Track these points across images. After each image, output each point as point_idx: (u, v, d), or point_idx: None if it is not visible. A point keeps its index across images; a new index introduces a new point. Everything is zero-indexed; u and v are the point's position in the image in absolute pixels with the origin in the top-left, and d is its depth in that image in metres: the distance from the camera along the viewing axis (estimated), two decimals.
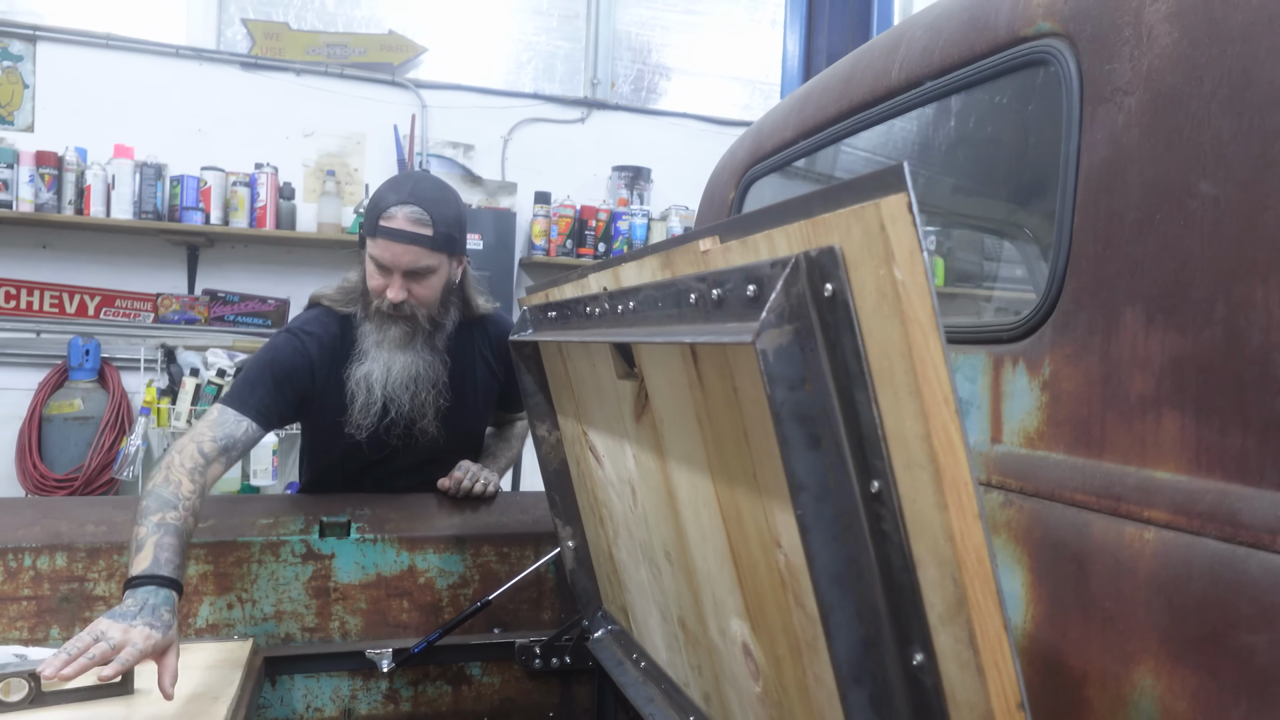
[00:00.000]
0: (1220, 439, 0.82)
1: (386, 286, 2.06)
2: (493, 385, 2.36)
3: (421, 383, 2.13)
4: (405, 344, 2.11)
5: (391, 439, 2.19)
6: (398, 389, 2.11)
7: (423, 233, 2.02)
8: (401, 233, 2.01)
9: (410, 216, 2.01)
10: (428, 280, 2.08)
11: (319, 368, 2.13)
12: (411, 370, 2.11)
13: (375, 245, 2.04)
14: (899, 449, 0.70)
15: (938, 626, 0.73)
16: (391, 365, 2.10)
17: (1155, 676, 0.86)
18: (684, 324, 1.02)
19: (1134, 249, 0.92)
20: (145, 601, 1.60)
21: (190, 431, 1.96)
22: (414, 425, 2.17)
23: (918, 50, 1.35)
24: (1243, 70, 0.83)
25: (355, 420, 2.12)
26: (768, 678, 1.17)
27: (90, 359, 4.34)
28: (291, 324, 2.21)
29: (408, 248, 2.02)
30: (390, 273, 2.05)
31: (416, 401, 2.14)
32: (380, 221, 2.03)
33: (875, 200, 0.63)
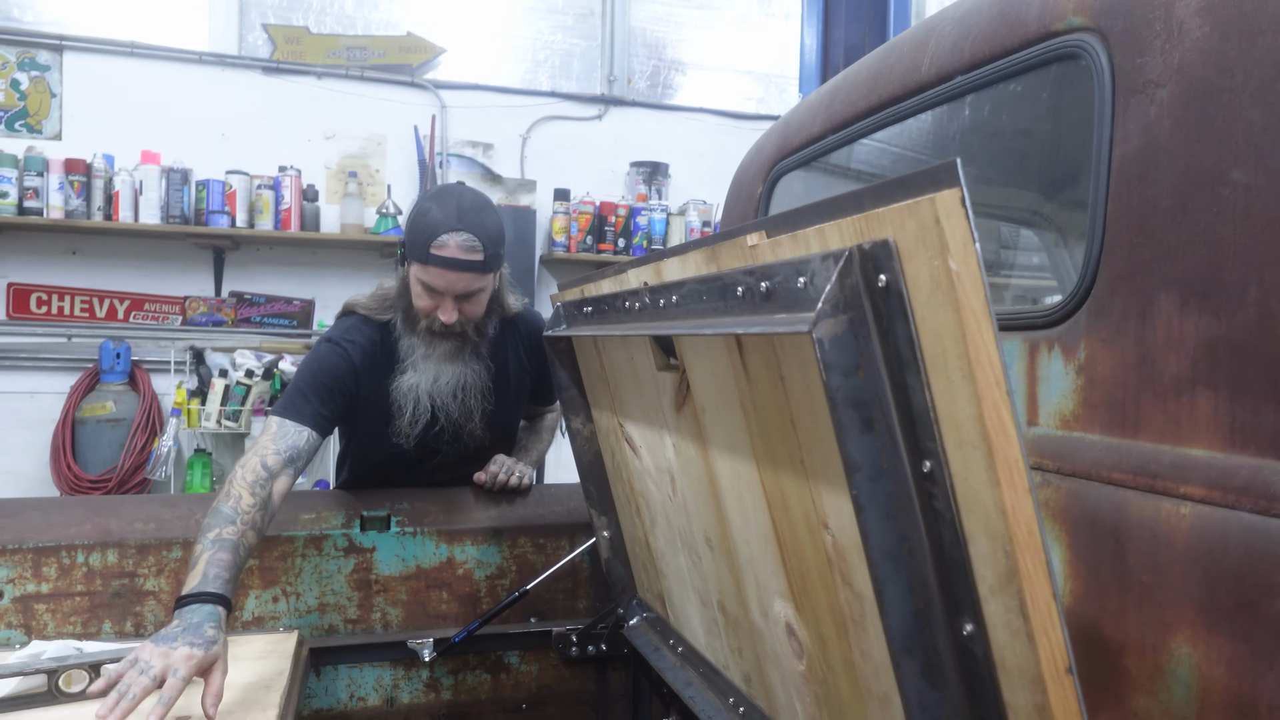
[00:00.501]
0: (1254, 417, 0.86)
1: (436, 307, 2.09)
2: (525, 381, 2.41)
3: (469, 391, 2.18)
4: (454, 357, 2.16)
5: (440, 445, 2.24)
6: (446, 398, 2.16)
7: (475, 259, 2.04)
8: (456, 261, 2.02)
9: (463, 245, 2.02)
10: (477, 298, 2.12)
11: (362, 374, 2.17)
12: (460, 380, 2.16)
13: (427, 272, 2.05)
14: (951, 430, 0.74)
15: (988, 597, 0.77)
16: (440, 376, 2.14)
17: (1192, 645, 0.89)
18: (730, 316, 1.06)
19: (1167, 236, 0.96)
20: (189, 621, 1.61)
21: (253, 447, 1.99)
22: (462, 430, 2.23)
23: (948, 45, 1.38)
24: (1273, 62, 0.87)
25: (404, 430, 2.17)
26: (812, 656, 1.21)
27: (121, 362, 4.42)
28: (331, 333, 2.23)
29: (461, 275, 2.05)
30: (442, 295, 2.08)
31: (465, 409, 2.19)
32: (432, 250, 2.02)
33: (930, 195, 0.67)
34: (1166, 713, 0.93)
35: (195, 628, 1.59)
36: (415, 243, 2.06)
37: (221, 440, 4.57)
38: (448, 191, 2.15)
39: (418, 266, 2.07)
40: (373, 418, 2.21)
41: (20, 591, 1.95)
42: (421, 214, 2.08)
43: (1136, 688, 0.96)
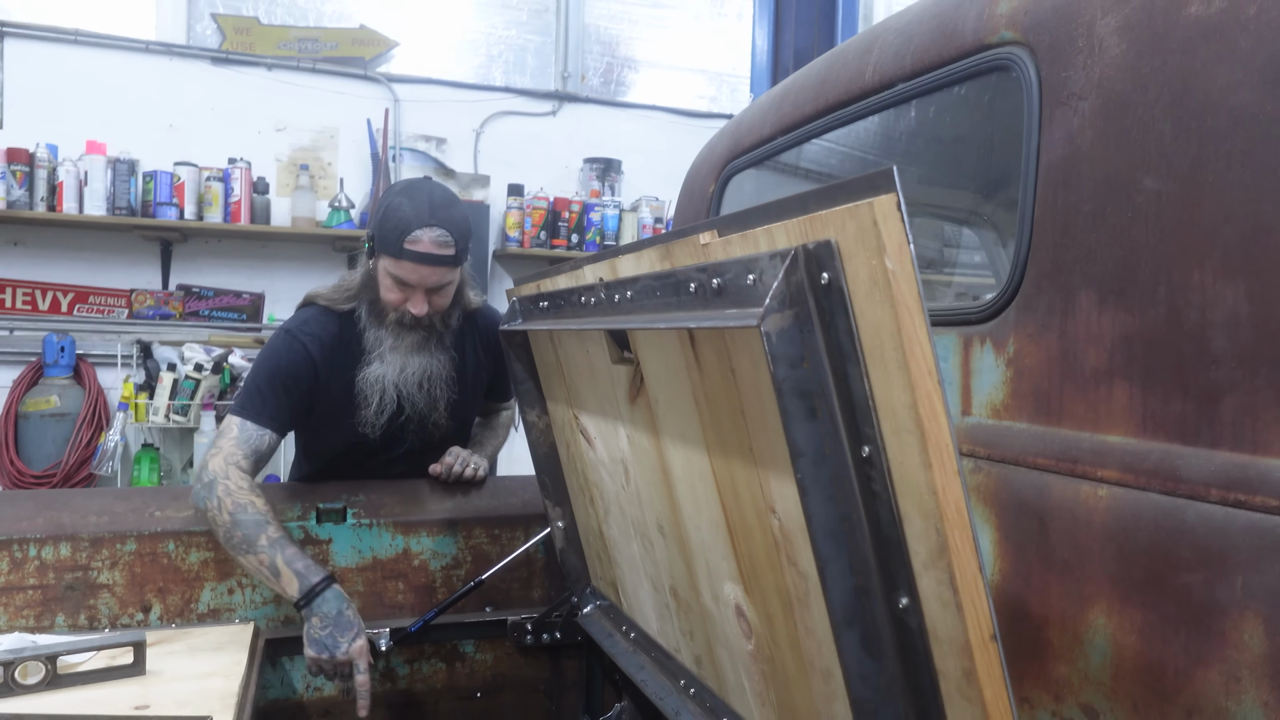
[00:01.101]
0: (1163, 405, 0.94)
1: (405, 300, 2.13)
2: (482, 375, 2.45)
3: (435, 381, 2.22)
4: (420, 348, 2.20)
5: (406, 435, 2.28)
6: (412, 389, 2.20)
7: (447, 254, 2.09)
8: (429, 256, 2.07)
9: (437, 240, 2.07)
10: (446, 291, 2.18)
11: (321, 367, 2.19)
12: (426, 370, 2.20)
13: (400, 267, 2.08)
14: (888, 417, 0.80)
15: (921, 572, 0.83)
16: (406, 366, 2.18)
17: (1107, 616, 0.97)
18: (683, 311, 1.11)
19: (1088, 238, 1.03)
20: (327, 613, 1.86)
21: (218, 453, 2.02)
22: (427, 420, 2.27)
23: (890, 54, 1.45)
24: (1182, 79, 0.94)
25: (370, 420, 2.20)
26: (760, 635, 1.27)
27: (65, 355, 4.35)
28: (289, 323, 2.25)
29: (435, 269, 2.09)
30: (413, 289, 2.12)
31: (430, 399, 2.23)
32: (406, 245, 2.06)
33: (869, 199, 0.73)
34: (1085, 679, 1.01)
35: (338, 615, 1.87)
36: (387, 237, 2.09)
37: (169, 435, 4.51)
38: (417, 187, 2.18)
39: (389, 260, 2.10)
40: (335, 409, 2.23)
41: None
42: (393, 209, 2.10)
43: (1058, 657, 1.04)
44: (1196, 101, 0.93)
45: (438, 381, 2.23)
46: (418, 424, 2.27)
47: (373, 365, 2.18)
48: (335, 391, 2.21)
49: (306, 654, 1.87)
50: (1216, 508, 0.88)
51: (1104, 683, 0.98)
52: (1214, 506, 0.88)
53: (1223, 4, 0.90)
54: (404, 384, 2.19)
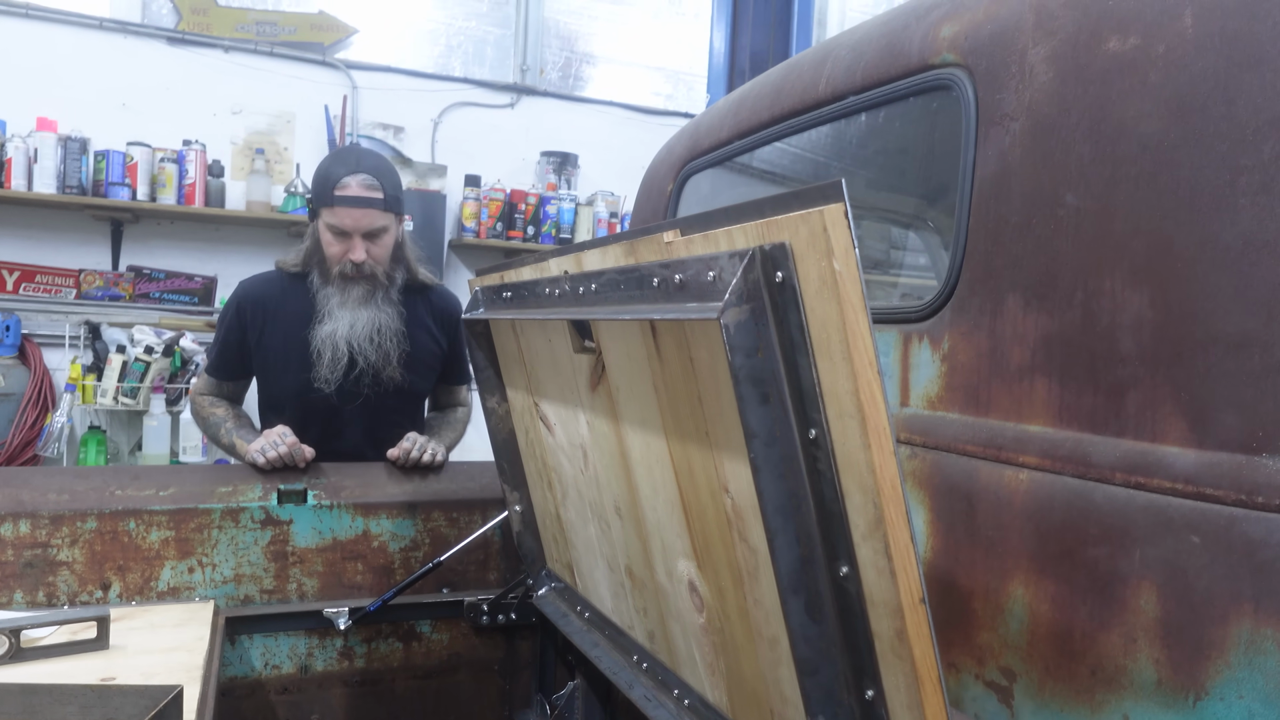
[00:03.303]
0: (1077, 398, 1.04)
1: (346, 251, 2.30)
2: (435, 351, 2.56)
3: (385, 333, 2.36)
4: (367, 300, 2.35)
5: (361, 389, 2.40)
6: (364, 342, 2.34)
7: (375, 196, 2.27)
8: (358, 198, 2.25)
9: (363, 183, 2.26)
10: (382, 239, 2.33)
11: (251, 317, 2.43)
12: (375, 323, 2.35)
13: (333, 214, 2.27)
14: (833, 402, 0.89)
15: (860, 543, 0.93)
16: (356, 321, 2.33)
17: (1025, 587, 1.08)
18: (646, 304, 1.19)
19: (1015, 247, 1.14)
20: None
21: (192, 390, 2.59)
22: (380, 373, 2.39)
23: (842, 68, 1.55)
24: (1100, 107, 1.05)
25: (324, 375, 2.34)
26: (711, 608, 1.36)
27: (10, 335, 4.29)
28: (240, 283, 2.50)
29: (366, 211, 2.26)
30: (349, 237, 2.29)
31: (382, 352, 2.37)
32: (335, 192, 2.25)
33: (819, 207, 0.82)
34: (1004, 645, 1.11)
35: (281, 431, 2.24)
36: (321, 191, 2.31)
37: (117, 417, 4.48)
38: (346, 148, 2.47)
39: (325, 211, 2.29)
40: (285, 364, 2.39)
41: None
42: (323, 168, 2.34)
43: (981, 625, 1.14)
44: (1111, 127, 1.03)
45: (388, 334, 2.37)
46: (372, 377, 2.39)
47: (324, 323, 2.34)
48: (281, 344, 2.39)
49: (257, 462, 2.21)
50: (1120, 489, 0.99)
51: (1021, 647, 1.09)
52: (1118, 489, 0.99)
53: (1137, 41, 1.01)
54: (355, 338, 2.33)
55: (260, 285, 2.46)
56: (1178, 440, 0.94)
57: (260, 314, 2.41)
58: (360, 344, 2.33)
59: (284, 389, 2.44)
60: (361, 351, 2.34)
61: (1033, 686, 1.07)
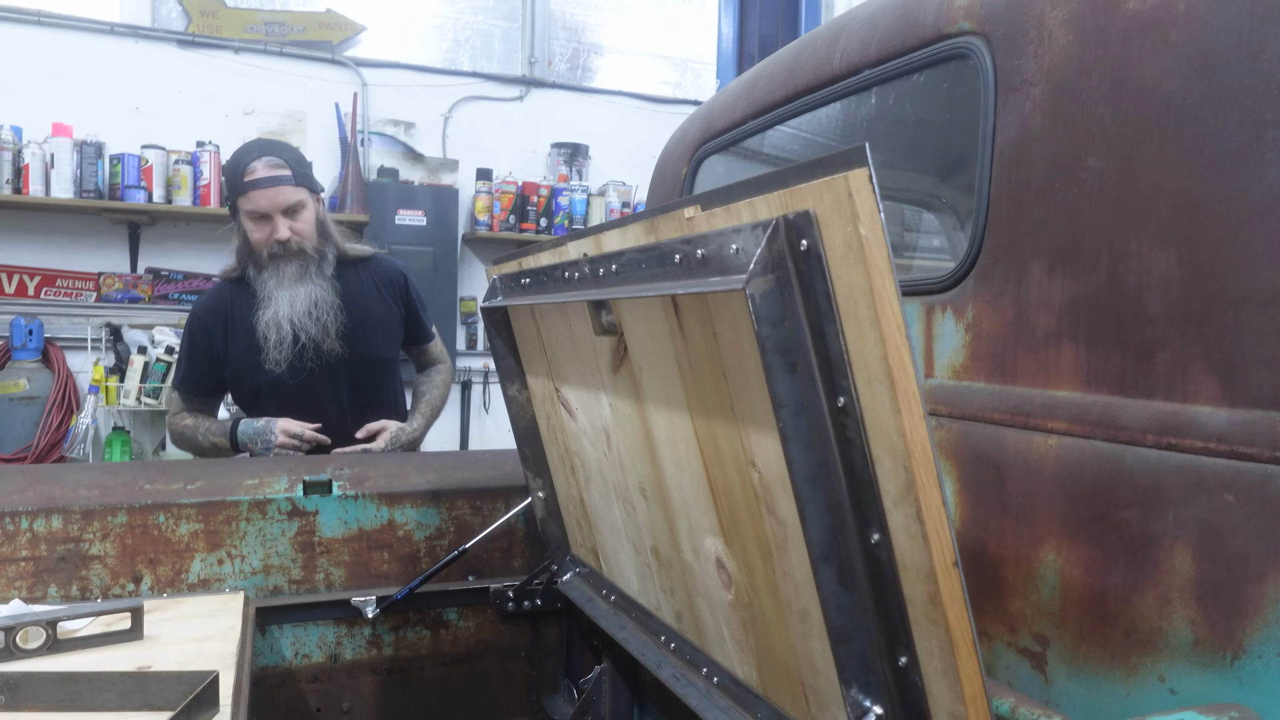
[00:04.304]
0: (1105, 362, 1.04)
1: (271, 232, 2.43)
2: (390, 314, 2.69)
3: (322, 306, 2.47)
4: (301, 276, 2.46)
5: (306, 362, 2.50)
6: (303, 317, 2.45)
7: (283, 173, 2.41)
8: (267, 178, 2.39)
9: (269, 164, 2.41)
10: (302, 214, 2.46)
11: (215, 330, 2.57)
12: (311, 297, 2.46)
13: (249, 199, 2.41)
14: (861, 369, 0.90)
15: (891, 509, 0.93)
16: (294, 299, 2.45)
17: (1056, 552, 1.08)
18: (668, 281, 1.19)
19: (1038, 212, 1.13)
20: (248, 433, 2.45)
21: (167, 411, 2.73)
22: (321, 346, 2.50)
23: (856, 42, 1.54)
24: (1121, 68, 1.05)
25: (272, 356, 2.46)
26: (739, 584, 1.36)
27: (33, 339, 4.33)
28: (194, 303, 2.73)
29: (278, 189, 2.40)
30: (269, 218, 2.42)
31: (320, 324, 2.48)
32: (245, 179, 2.40)
33: (844, 173, 0.82)
34: (1037, 610, 1.11)
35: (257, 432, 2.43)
36: (232, 182, 2.45)
37: (140, 418, 4.52)
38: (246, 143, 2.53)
39: (242, 200, 2.43)
40: (244, 357, 2.52)
41: None
42: (229, 163, 2.50)
43: (1013, 593, 1.14)
44: (1133, 88, 1.03)
45: (324, 307, 2.48)
46: (314, 349, 2.50)
47: (266, 309, 2.45)
48: (240, 342, 2.52)
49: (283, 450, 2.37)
50: (1151, 451, 0.98)
51: (1054, 613, 1.09)
52: (1149, 450, 0.99)
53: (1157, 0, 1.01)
54: (294, 314, 2.45)
55: (212, 298, 2.60)
56: (1209, 399, 0.94)
57: (220, 324, 2.56)
58: (300, 320, 2.45)
59: (253, 383, 2.56)
60: (302, 327, 2.46)
61: (1066, 652, 1.07)
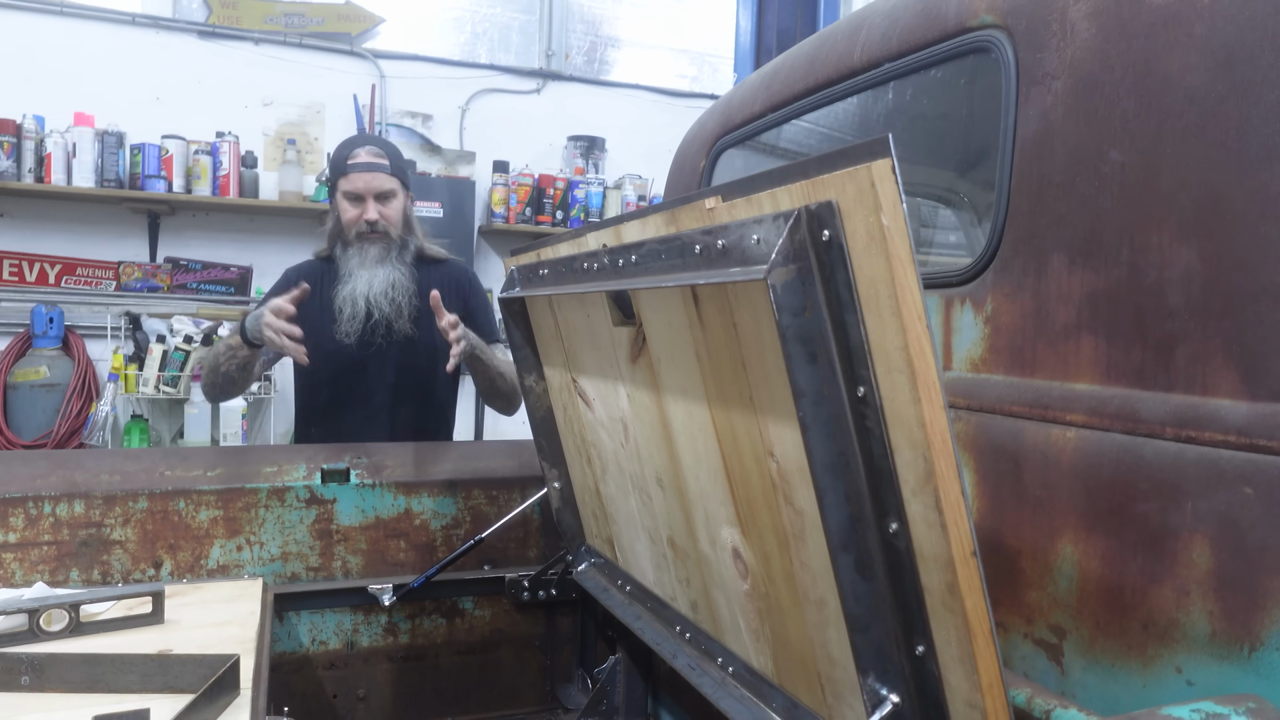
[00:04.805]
0: (1124, 355, 1.04)
1: (361, 214, 2.61)
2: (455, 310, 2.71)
3: (398, 289, 2.63)
4: (383, 259, 2.64)
5: (376, 338, 2.64)
6: (379, 296, 2.61)
7: (382, 162, 2.62)
8: (368, 164, 2.60)
9: (371, 152, 2.63)
10: (391, 202, 2.65)
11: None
12: (389, 279, 2.62)
13: (347, 181, 2.61)
14: (881, 359, 0.90)
15: (910, 498, 0.94)
16: (373, 280, 2.61)
17: (1074, 544, 1.08)
18: (688, 272, 1.20)
19: (1059, 206, 1.13)
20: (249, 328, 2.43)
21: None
22: (393, 325, 2.64)
23: (877, 36, 1.54)
24: (1144, 61, 1.05)
25: (345, 328, 2.61)
26: (756, 574, 1.37)
27: (54, 327, 4.37)
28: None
29: (375, 175, 2.60)
30: (362, 200, 2.61)
31: (394, 305, 2.62)
32: (349, 162, 2.60)
33: (867, 164, 0.82)
34: (1053, 602, 1.12)
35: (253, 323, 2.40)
36: (336, 165, 2.66)
37: (158, 406, 4.56)
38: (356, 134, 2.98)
39: (341, 181, 2.62)
40: (316, 323, 2.64)
41: None
42: (337, 149, 2.74)
43: (1030, 584, 1.15)
44: (1157, 82, 1.03)
45: (401, 290, 2.64)
46: (386, 328, 2.64)
47: (345, 283, 2.63)
48: (314, 310, 2.64)
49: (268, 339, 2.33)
50: (1170, 444, 0.99)
51: (1070, 604, 1.09)
52: (1168, 443, 0.99)
53: None
54: (371, 292, 2.61)
55: (302, 266, 2.81)
56: (1229, 392, 0.94)
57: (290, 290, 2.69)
58: (376, 298, 2.60)
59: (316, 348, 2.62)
60: (377, 305, 2.60)
61: (1083, 643, 1.08)
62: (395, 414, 2.74)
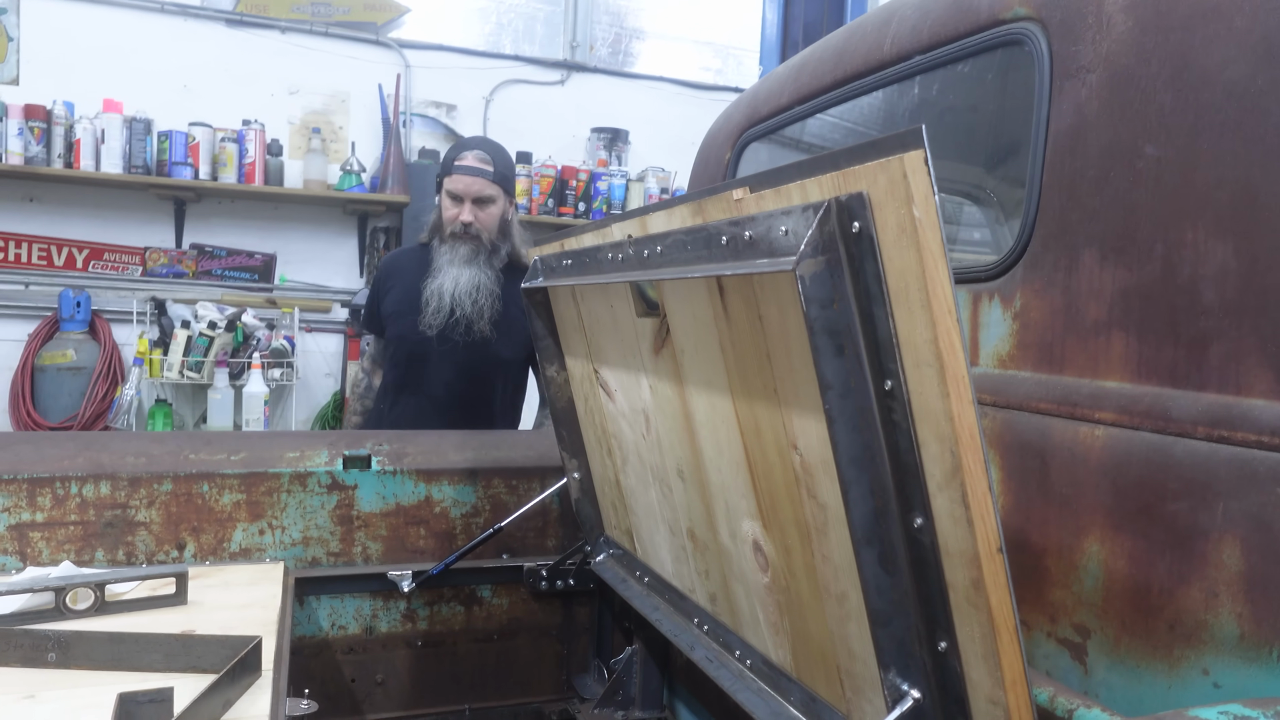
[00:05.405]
0: (1156, 353, 1.03)
1: (459, 214, 2.74)
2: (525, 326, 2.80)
3: (482, 291, 2.75)
4: (471, 260, 2.75)
5: (455, 335, 2.76)
6: (463, 295, 2.74)
7: (486, 169, 2.73)
8: (471, 168, 2.72)
9: (478, 157, 2.74)
10: (489, 208, 2.77)
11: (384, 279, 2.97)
12: (475, 280, 2.74)
13: (451, 180, 2.74)
14: (909, 352, 0.89)
15: (935, 493, 0.93)
16: (460, 278, 2.74)
17: (1100, 543, 1.07)
18: (714, 263, 1.20)
19: (1092, 201, 1.12)
20: None
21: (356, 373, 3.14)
22: (473, 325, 2.76)
23: (908, 28, 1.53)
24: (1181, 55, 1.03)
25: (428, 320, 2.76)
26: (776, 567, 1.37)
27: (81, 311, 4.42)
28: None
29: (475, 179, 2.72)
30: (462, 201, 2.74)
31: (476, 306, 2.75)
32: (455, 162, 2.73)
33: (899, 155, 0.82)
34: (1078, 601, 1.11)
35: None
36: (446, 163, 2.80)
37: (182, 391, 4.60)
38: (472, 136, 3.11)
39: (446, 180, 2.76)
40: (403, 311, 2.86)
41: (15, 520, 2.03)
42: (451, 148, 2.87)
43: (1054, 582, 1.14)
44: (1195, 75, 1.01)
45: (484, 293, 2.76)
46: (465, 326, 2.76)
47: (435, 278, 2.77)
48: (398, 297, 2.86)
49: None
50: (1202, 443, 0.97)
51: (1095, 604, 1.08)
52: (1200, 443, 0.98)
53: None
54: (457, 292, 2.75)
55: (400, 252, 3.04)
56: (1263, 392, 0.93)
57: (389, 276, 2.94)
58: (460, 297, 2.73)
59: (395, 333, 2.89)
60: (459, 304, 2.73)
61: (1107, 643, 1.07)
62: (447, 412, 2.84)
